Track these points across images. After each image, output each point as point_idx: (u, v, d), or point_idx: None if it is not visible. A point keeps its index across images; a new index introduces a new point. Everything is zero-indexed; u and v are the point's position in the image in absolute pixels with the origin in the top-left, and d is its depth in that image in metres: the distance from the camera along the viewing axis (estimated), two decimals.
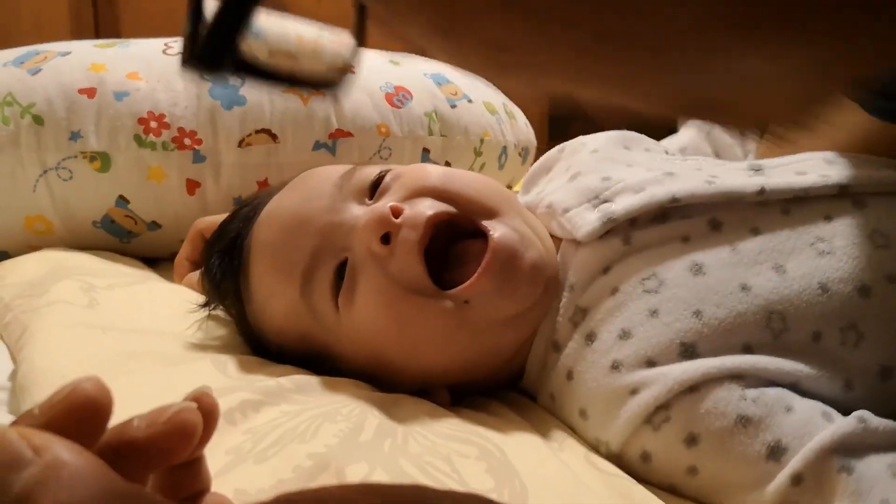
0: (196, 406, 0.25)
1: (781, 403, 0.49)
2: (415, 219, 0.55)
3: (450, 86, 1.02)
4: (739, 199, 0.58)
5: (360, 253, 0.56)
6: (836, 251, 0.54)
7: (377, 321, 0.56)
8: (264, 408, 0.49)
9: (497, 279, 0.55)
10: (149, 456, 0.24)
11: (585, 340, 0.56)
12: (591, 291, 0.58)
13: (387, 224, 0.55)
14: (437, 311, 0.55)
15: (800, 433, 0.48)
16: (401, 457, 0.46)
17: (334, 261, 0.57)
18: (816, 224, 0.56)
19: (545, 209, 0.63)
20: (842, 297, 0.53)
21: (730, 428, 0.49)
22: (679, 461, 0.50)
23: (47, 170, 0.85)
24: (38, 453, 0.19)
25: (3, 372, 0.62)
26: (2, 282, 0.75)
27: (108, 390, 0.23)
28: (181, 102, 0.88)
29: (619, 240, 0.58)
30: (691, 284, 0.54)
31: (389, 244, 0.55)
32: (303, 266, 0.58)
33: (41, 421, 0.22)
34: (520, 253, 0.56)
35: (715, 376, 0.50)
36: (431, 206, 0.57)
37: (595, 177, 0.63)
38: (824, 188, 0.58)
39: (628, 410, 0.52)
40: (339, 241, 0.57)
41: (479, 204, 0.58)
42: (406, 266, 0.55)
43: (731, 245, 0.56)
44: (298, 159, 0.90)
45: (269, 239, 0.61)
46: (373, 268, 0.55)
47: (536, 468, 0.47)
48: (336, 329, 0.58)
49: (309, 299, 0.58)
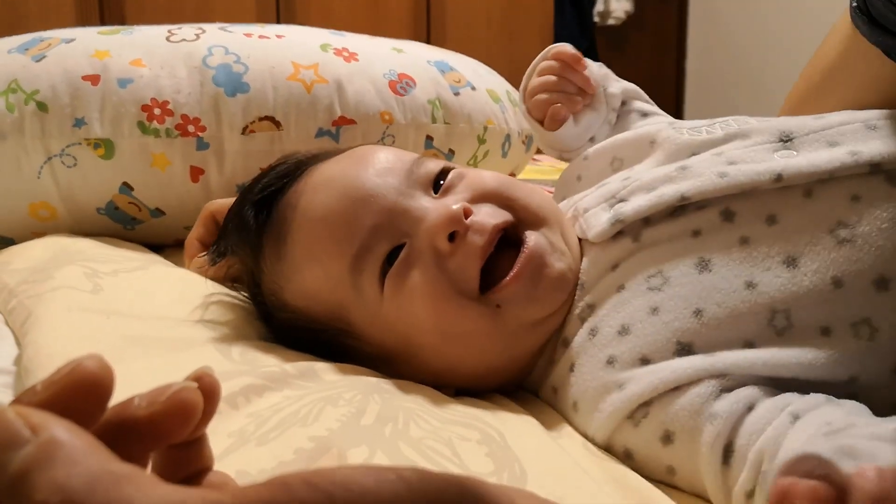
0: (196, 386, 0.26)
1: (748, 402, 0.48)
2: (483, 224, 0.57)
3: (453, 73, 1.03)
4: (754, 188, 0.56)
5: (423, 244, 0.57)
6: (857, 238, 0.51)
7: (419, 312, 0.56)
8: (267, 392, 0.50)
9: (527, 284, 0.56)
10: (149, 434, 0.25)
11: (589, 335, 0.56)
12: (599, 288, 0.58)
13: (457, 223, 0.56)
14: (476, 314, 0.56)
15: (749, 431, 0.47)
16: (401, 440, 0.46)
17: (391, 243, 0.58)
18: (841, 207, 0.53)
19: (572, 213, 0.64)
20: (856, 292, 0.50)
21: (700, 427, 0.48)
22: (658, 460, 0.50)
23: (51, 156, 0.85)
24: (35, 432, 0.19)
25: (8, 356, 0.63)
26: (7, 267, 0.75)
27: (109, 368, 0.23)
28: (185, 89, 0.88)
29: (630, 238, 0.58)
30: (695, 282, 0.54)
31: (454, 243, 0.56)
32: (360, 241, 0.57)
33: (42, 397, 0.22)
34: (549, 261, 0.57)
35: (700, 376, 0.50)
36: (497, 215, 0.58)
37: (618, 177, 0.64)
38: (852, 168, 0.54)
39: (611, 404, 0.52)
40: (403, 226, 0.58)
41: (534, 213, 0.59)
42: (464, 268, 0.56)
43: (743, 238, 0.55)
44: (302, 146, 0.90)
45: (325, 204, 0.60)
46: (431, 261, 0.56)
47: (536, 453, 0.48)
48: (374, 309, 0.58)
49: (357, 274, 0.58)
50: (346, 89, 0.93)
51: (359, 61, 0.97)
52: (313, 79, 0.92)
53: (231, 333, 0.63)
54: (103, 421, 0.24)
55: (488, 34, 2.91)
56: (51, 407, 0.22)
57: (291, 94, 0.91)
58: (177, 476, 0.28)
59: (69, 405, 0.22)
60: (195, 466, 0.28)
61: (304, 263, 0.60)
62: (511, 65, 2.62)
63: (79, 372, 0.22)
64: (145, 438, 0.25)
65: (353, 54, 0.97)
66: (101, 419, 0.24)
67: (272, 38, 0.97)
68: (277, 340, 0.63)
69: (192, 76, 0.89)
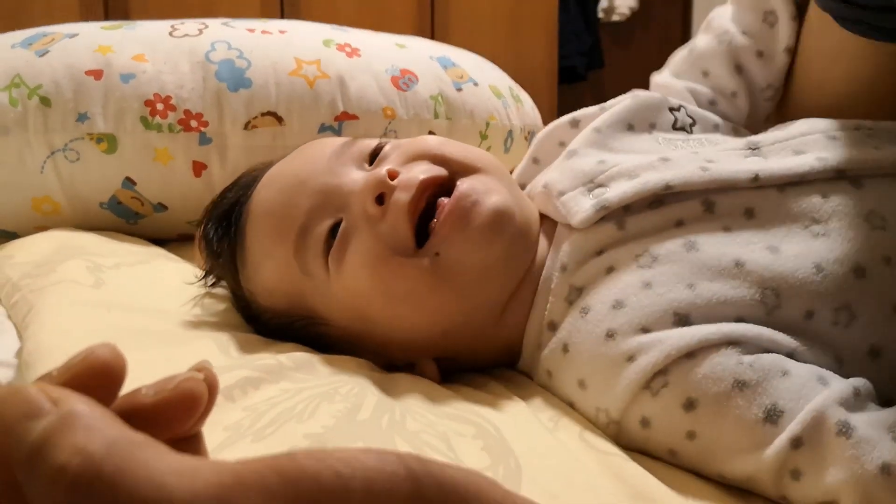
0: (202, 377, 0.26)
1: (777, 368, 0.49)
2: (409, 181, 0.57)
3: (456, 69, 1.03)
4: (733, 185, 0.58)
5: (355, 214, 0.58)
6: (831, 233, 0.55)
7: (361, 281, 0.57)
8: (264, 385, 0.50)
9: (458, 224, 0.56)
10: (156, 423, 0.25)
11: (580, 314, 0.56)
12: (586, 270, 0.58)
13: (382, 185, 0.56)
14: (415, 269, 0.56)
15: (796, 396, 0.48)
16: (397, 435, 0.46)
17: (329, 221, 0.59)
18: (812, 205, 0.56)
19: (541, 189, 0.64)
20: (836, 278, 0.53)
21: (727, 392, 0.49)
22: (678, 426, 0.51)
23: (55, 151, 0.86)
24: (55, 405, 0.20)
25: (9, 349, 0.63)
26: (10, 261, 0.76)
27: (122, 357, 0.24)
28: (187, 84, 0.89)
29: (613, 225, 0.59)
30: (685, 259, 0.55)
31: (383, 205, 0.56)
32: (298, 224, 0.59)
33: (58, 382, 0.23)
34: (481, 200, 0.57)
35: (712, 342, 0.50)
36: (426, 171, 0.58)
37: (591, 159, 0.63)
38: (821, 172, 0.58)
39: (626, 377, 0.52)
40: (336, 201, 0.59)
41: (469, 165, 0.60)
42: (395, 226, 0.56)
43: (725, 226, 0.57)
44: (304, 142, 0.90)
45: (266, 199, 0.62)
46: (364, 228, 0.57)
47: (532, 447, 0.48)
48: (325, 290, 0.59)
49: (302, 258, 0.59)
50: (348, 85, 0.93)
51: (361, 57, 0.97)
52: (316, 74, 0.93)
53: (230, 327, 0.63)
54: (112, 409, 0.24)
55: (493, 30, 2.90)
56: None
57: (294, 90, 0.91)
58: None
59: (83, 390, 0.23)
60: None
61: (260, 261, 0.62)
62: (516, 61, 2.62)
63: (92, 359, 0.23)
64: (151, 427, 0.25)
65: (356, 50, 0.97)
66: (111, 406, 0.24)
67: (275, 33, 0.97)
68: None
69: (194, 71, 0.90)
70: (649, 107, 0.70)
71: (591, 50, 3.38)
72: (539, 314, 0.59)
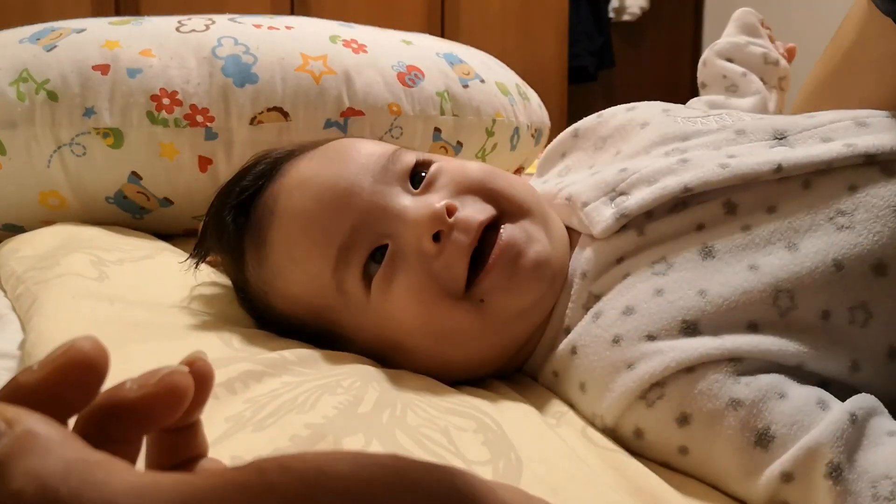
0: (188, 370, 0.26)
1: (775, 389, 0.48)
2: (468, 222, 0.56)
3: (462, 65, 1.02)
4: (755, 179, 0.57)
5: (408, 244, 0.56)
6: (856, 225, 0.53)
7: (406, 314, 0.56)
8: (266, 378, 0.50)
9: (504, 274, 0.56)
10: (140, 417, 0.25)
11: (593, 318, 0.56)
12: (605, 279, 0.58)
13: (441, 223, 0.55)
14: (464, 313, 0.56)
15: (790, 421, 0.47)
16: (398, 429, 0.46)
17: (373, 244, 0.57)
18: (839, 196, 0.55)
19: (564, 201, 0.64)
20: (855, 275, 0.52)
21: (721, 410, 0.48)
22: (671, 440, 0.50)
23: (61, 145, 0.86)
24: (10, 426, 0.20)
25: (13, 341, 0.64)
26: (16, 254, 0.76)
27: (104, 350, 0.24)
28: (193, 79, 0.89)
29: (634, 232, 0.58)
30: (699, 266, 0.54)
31: (439, 243, 0.55)
32: (340, 242, 0.57)
33: (38, 375, 0.23)
34: (524, 250, 0.57)
35: (713, 358, 0.50)
36: (481, 211, 0.57)
37: (613, 169, 0.63)
38: (849, 159, 0.56)
39: (623, 384, 0.52)
40: (382, 225, 0.57)
41: (518, 205, 0.59)
42: (451, 267, 0.56)
43: (745, 227, 0.55)
44: (310, 137, 0.90)
45: (301, 207, 0.59)
46: (416, 262, 0.56)
47: (532, 441, 0.48)
48: (361, 311, 0.58)
49: (340, 276, 0.57)
50: (354, 81, 0.93)
51: (367, 53, 0.97)
52: (322, 70, 0.93)
53: (233, 321, 0.63)
54: (96, 403, 0.24)
55: (503, 29, 2.90)
56: (45, 385, 0.22)
57: (300, 85, 0.91)
58: (170, 462, 0.28)
59: (63, 384, 0.23)
60: (188, 453, 0.28)
61: (286, 267, 0.60)
62: (526, 60, 2.61)
63: (74, 352, 0.23)
64: (136, 421, 0.25)
65: (362, 46, 0.97)
66: (94, 400, 0.24)
67: (281, 29, 0.97)
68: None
69: (201, 67, 0.90)
70: (658, 107, 0.71)
71: (602, 50, 3.38)
72: (558, 321, 0.59)
